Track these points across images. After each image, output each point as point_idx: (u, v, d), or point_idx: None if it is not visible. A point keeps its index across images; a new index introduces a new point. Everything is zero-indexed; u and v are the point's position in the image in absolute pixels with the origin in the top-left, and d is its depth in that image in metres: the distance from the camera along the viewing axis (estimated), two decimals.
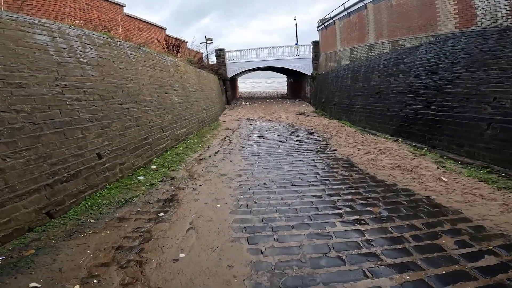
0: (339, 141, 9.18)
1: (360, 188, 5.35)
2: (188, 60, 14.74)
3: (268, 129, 12.80)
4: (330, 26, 18.74)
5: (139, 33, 13.77)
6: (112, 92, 6.25)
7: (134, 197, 5.25)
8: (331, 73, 17.93)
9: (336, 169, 6.54)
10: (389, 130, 10.00)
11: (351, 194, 5.07)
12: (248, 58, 25.22)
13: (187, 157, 8.08)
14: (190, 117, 11.67)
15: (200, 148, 9.29)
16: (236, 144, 9.79)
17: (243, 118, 17.45)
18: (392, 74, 10.30)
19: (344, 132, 10.63)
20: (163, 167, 7.13)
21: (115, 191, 5.47)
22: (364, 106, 12.21)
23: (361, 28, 13.81)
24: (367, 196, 4.98)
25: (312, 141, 9.73)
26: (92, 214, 4.55)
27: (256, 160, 7.58)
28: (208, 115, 15.13)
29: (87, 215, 4.52)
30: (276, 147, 8.99)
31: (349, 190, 5.28)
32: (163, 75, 9.67)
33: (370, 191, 5.19)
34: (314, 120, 15.06)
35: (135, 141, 6.78)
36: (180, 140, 9.79)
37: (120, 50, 7.13)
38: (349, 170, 6.38)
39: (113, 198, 5.16)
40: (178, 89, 10.95)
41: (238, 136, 11.41)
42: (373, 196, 4.96)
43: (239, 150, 8.80)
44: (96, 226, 4.20)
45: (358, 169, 6.46)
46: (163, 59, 10.03)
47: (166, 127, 8.82)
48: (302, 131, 11.85)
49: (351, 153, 7.59)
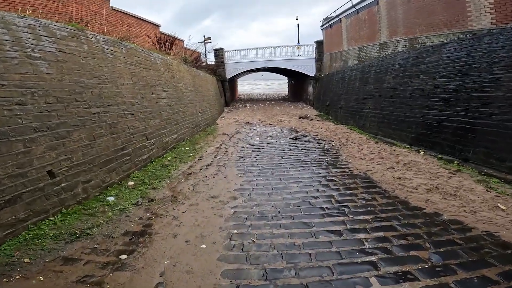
0: (352, 152, 7.94)
1: (393, 219, 4.12)
2: (183, 59, 13.54)
3: (269, 135, 11.57)
4: (336, 25, 17.57)
5: (128, 29, 12.58)
6: (76, 93, 5.02)
7: (94, 227, 4.06)
8: (337, 74, 16.73)
9: (354, 190, 5.30)
10: (407, 138, 8.77)
11: (383, 229, 3.84)
12: (248, 58, 24.03)
13: (174, 171, 6.84)
14: (183, 121, 10.44)
15: (191, 158, 8.05)
16: (233, 153, 8.55)
17: (242, 121, 16.23)
18: (410, 75, 9.08)
19: (355, 140, 9.40)
20: (143, 183, 5.89)
21: (72, 217, 4.28)
22: (375, 110, 10.99)
23: (372, 25, 12.62)
24: (405, 232, 3.75)
25: (320, 150, 8.49)
26: (30, 250, 3.42)
27: (255, 176, 6.34)
28: (204, 119, 13.91)
29: (24, 251, 3.38)
30: (279, 158, 7.75)
31: (378, 222, 4.04)
32: (150, 74, 8.45)
33: (407, 224, 3.95)
34: (319, 125, 13.83)
35: (107, 153, 5.54)
36: (169, 148, 8.56)
37: (93, 44, 5.91)
38: (371, 192, 5.14)
39: (66, 228, 3.98)
40: (169, 90, 9.73)
41: (235, 143, 10.18)
42: (413, 232, 3.74)
43: (235, 162, 7.56)
44: (29, 268, 3.09)
45: (382, 190, 5.22)
46: (150, 57, 8.82)
47: (152, 133, 7.59)
48: (307, 138, 10.62)
49: (369, 168, 6.35)
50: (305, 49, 22.90)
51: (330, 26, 18.58)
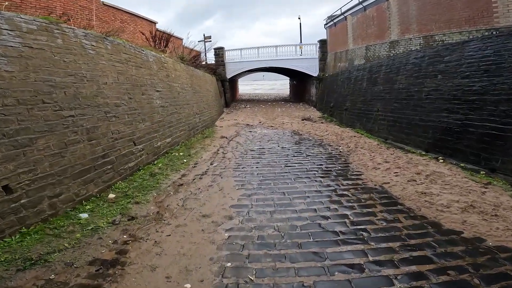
0: (363, 159, 7.15)
1: (425, 246, 3.36)
2: (180, 57, 12.80)
3: (270, 138, 10.80)
4: (341, 23, 16.79)
5: (122, 25, 11.83)
6: (44, 93, 4.26)
7: (56, 251, 3.37)
8: (342, 74, 15.95)
9: (372, 208, 4.52)
10: (422, 144, 7.99)
11: (415, 261, 3.08)
12: (249, 57, 23.25)
13: (164, 181, 6.08)
14: (178, 123, 9.69)
15: (185, 165, 7.28)
16: (231, 160, 7.78)
17: (242, 123, 15.47)
18: (426, 75, 8.30)
19: (365, 146, 8.61)
20: (125, 196, 5.14)
21: (32, 239, 3.57)
22: (385, 112, 10.21)
23: (381, 23, 11.83)
24: (445, 264, 3.01)
25: (327, 157, 7.71)
26: None
27: (255, 189, 5.57)
28: (202, 120, 13.15)
29: None
30: (281, 167, 6.97)
31: (408, 251, 3.28)
32: (141, 72, 7.69)
33: (445, 253, 3.20)
34: (323, 127, 13.06)
35: (82, 162, 4.79)
36: (161, 154, 7.81)
37: (69, 39, 5.15)
38: (393, 211, 4.36)
39: (22, 252, 3.29)
40: (163, 90, 8.98)
41: (234, 147, 9.41)
42: (455, 264, 3.01)
43: (233, 170, 6.79)
44: None
45: (406, 208, 4.44)
46: (141, 54, 8.07)
47: (140, 138, 6.83)
48: (311, 142, 9.84)
49: (386, 181, 5.56)
50: (308, 49, 22.11)
51: (335, 25, 17.80)
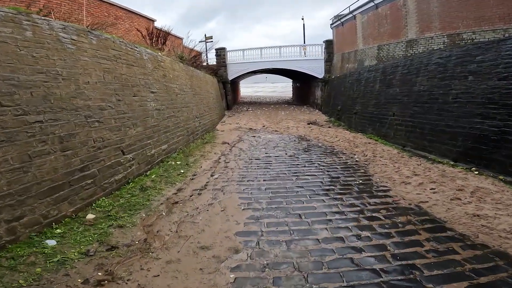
0: (387, 171, 6.24)
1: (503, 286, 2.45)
2: (179, 57, 11.94)
3: (276, 144, 9.90)
4: (349, 22, 15.95)
5: (116, 22, 10.99)
6: (2, 94, 3.37)
7: None
8: (350, 76, 15.08)
9: (415, 235, 3.61)
10: (450, 153, 7.10)
11: None
12: (251, 58, 22.39)
13: (156, 197, 5.17)
14: (175, 128, 8.80)
15: (182, 177, 6.38)
16: (234, 170, 6.87)
17: (245, 127, 14.59)
18: (454, 76, 7.41)
19: (385, 155, 7.70)
20: (107, 217, 4.25)
21: None
22: (403, 117, 9.32)
23: (396, 21, 10.97)
24: None
25: (343, 168, 6.80)
26: None
27: (265, 209, 4.66)
28: (202, 124, 12.27)
29: None
30: (292, 179, 6.07)
31: None
32: (133, 71, 6.82)
33: None
34: (332, 132, 12.16)
35: (53, 177, 3.90)
36: (155, 163, 6.91)
37: (42, 31, 4.27)
38: (442, 239, 3.48)
39: None
40: (158, 91, 8.10)
41: (237, 155, 8.51)
42: None
43: (237, 184, 5.88)
44: None
45: (458, 235, 3.55)
46: (134, 51, 7.19)
47: (130, 146, 5.94)
48: (322, 150, 8.94)
49: (423, 199, 4.65)
50: (313, 49, 21.25)
51: (342, 24, 16.96)
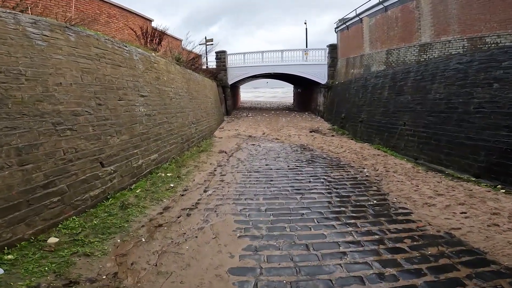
0: (404, 189, 5.49)
1: None
2: (176, 58, 11.27)
3: (277, 155, 9.17)
4: (355, 26, 15.34)
5: (108, 20, 10.34)
6: None
7: None
8: (356, 82, 14.41)
9: (453, 272, 2.91)
10: (470, 168, 6.38)
11: None
12: (252, 62, 21.76)
13: (137, 217, 4.43)
14: (168, 135, 8.07)
15: (171, 192, 5.62)
16: (231, 185, 6.12)
17: (244, 134, 13.88)
18: (476, 83, 6.71)
19: (398, 169, 6.96)
20: (73, 242, 3.54)
21: None
22: (415, 127, 8.60)
23: (407, 24, 10.32)
24: None
25: (353, 185, 6.05)
26: None
27: (265, 236, 3.90)
28: (199, 131, 11.55)
29: None
30: (297, 198, 5.31)
31: None
32: (119, 72, 6.11)
33: None
34: (336, 142, 11.44)
35: (6, 196, 3.19)
36: (142, 175, 6.17)
37: (5, 26, 3.59)
38: (488, 276, 2.86)
39: None
40: (150, 95, 7.39)
41: (234, 166, 7.77)
42: None
43: (233, 203, 5.12)
44: None
45: (504, 269, 2.87)
46: (122, 50, 6.49)
47: (112, 156, 5.21)
48: (327, 162, 8.20)
49: (454, 225, 3.93)
50: (316, 54, 20.62)
51: (347, 28, 16.35)
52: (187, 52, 15.87)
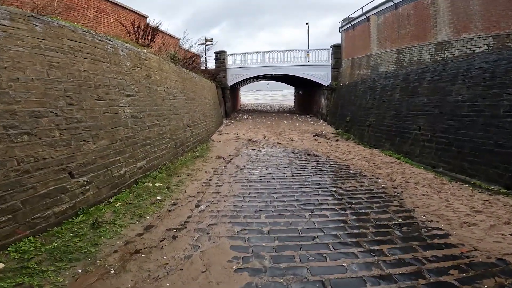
0: (432, 204, 4.67)
1: None
2: (170, 56, 10.50)
3: (279, 161, 8.36)
4: (361, 24, 14.59)
5: (97, 15, 9.59)
6: None
7: None
8: (362, 83, 13.64)
9: None
10: (500, 178, 5.59)
11: None
12: (253, 63, 21.00)
13: (110, 239, 3.61)
14: (159, 140, 7.28)
15: (156, 207, 4.80)
16: (227, 198, 5.30)
17: (244, 138, 13.08)
18: (506, 84, 5.93)
19: (419, 179, 6.13)
20: (20, 270, 2.82)
21: None
22: (432, 132, 7.81)
23: (421, 21, 9.54)
24: None
25: (369, 199, 5.21)
26: None
27: (269, 271, 3.06)
28: (195, 134, 10.76)
29: None
30: (306, 216, 4.48)
31: None
32: (100, 68, 5.31)
33: None
34: (343, 147, 10.63)
35: None
36: (125, 185, 5.37)
37: None
38: None
39: None
40: (138, 94, 6.60)
41: (233, 174, 6.96)
42: None
43: (229, 222, 4.29)
44: None
45: None
46: (105, 43, 5.70)
47: (85, 165, 4.41)
48: (335, 170, 7.39)
49: (507, 249, 3.16)
50: (319, 55, 19.85)
51: (353, 27, 15.60)
52: (184, 51, 15.12)
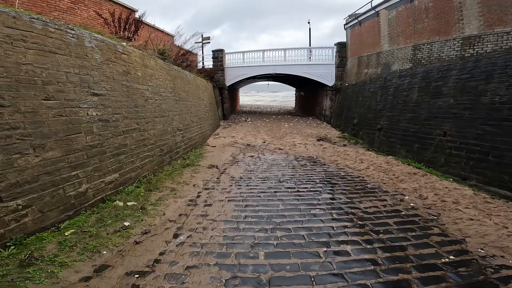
0: (487, 232, 3.50)
1: None
2: (159, 52, 9.35)
3: (281, 171, 7.21)
4: (369, 20, 13.47)
5: (72, 6, 8.46)
6: None
7: None
8: (372, 82, 12.50)
9: None
10: None
11: None
12: (252, 62, 19.85)
13: (38, 286, 2.45)
14: (138, 147, 6.12)
15: (120, 237, 3.61)
16: (217, 224, 4.12)
17: (242, 142, 11.94)
18: None
19: (457, 196, 4.95)
20: None
21: None
22: (462, 138, 6.66)
23: (443, 14, 8.40)
24: None
25: (399, 224, 4.03)
26: None
27: None
28: (187, 139, 9.61)
29: None
30: (321, 255, 3.31)
31: None
32: (52, 61, 4.15)
33: None
34: (352, 153, 9.47)
35: None
36: (86, 205, 4.21)
37: None
38: None
39: None
40: (109, 93, 5.45)
41: (226, 189, 5.79)
42: None
43: (216, 263, 3.09)
44: None
45: None
46: (63, 32, 4.55)
47: (21, 185, 3.25)
48: (349, 183, 6.22)
49: None
50: (323, 53, 18.70)
51: (360, 23, 14.48)
52: (179, 49, 13.99)
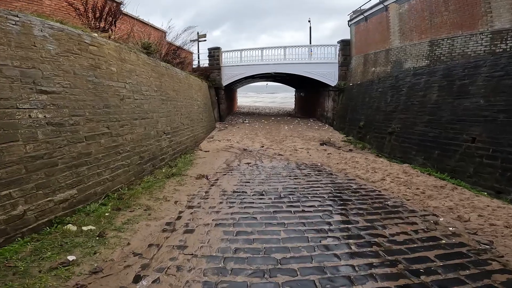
0: None
1: None
2: (143, 46, 8.28)
3: (282, 183, 6.14)
4: (376, 15, 12.46)
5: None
6: None
7: None
8: (380, 82, 11.47)
9: None
10: None
11: None
12: (250, 61, 18.80)
13: None
14: (108, 155, 5.04)
15: (55, 279, 2.54)
16: (196, 262, 3.00)
17: (238, 147, 10.88)
18: None
19: (507, 218, 3.91)
20: None
21: None
22: (496, 146, 5.62)
23: (467, 6, 7.37)
24: None
25: (441, 257, 2.95)
26: None
27: None
28: (176, 143, 8.53)
29: None
30: None
31: None
32: None
33: None
34: (361, 160, 8.40)
35: None
36: (23, 231, 3.11)
37: None
38: None
39: None
40: (66, 91, 4.38)
41: (214, 209, 4.69)
42: None
43: None
44: None
45: None
46: (3, 19, 3.48)
47: None
48: (364, 200, 5.15)
49: None
50: (325, 51, 17.67)
51: (366, 19, 13.47)
52: (170, 45, 12.93)
